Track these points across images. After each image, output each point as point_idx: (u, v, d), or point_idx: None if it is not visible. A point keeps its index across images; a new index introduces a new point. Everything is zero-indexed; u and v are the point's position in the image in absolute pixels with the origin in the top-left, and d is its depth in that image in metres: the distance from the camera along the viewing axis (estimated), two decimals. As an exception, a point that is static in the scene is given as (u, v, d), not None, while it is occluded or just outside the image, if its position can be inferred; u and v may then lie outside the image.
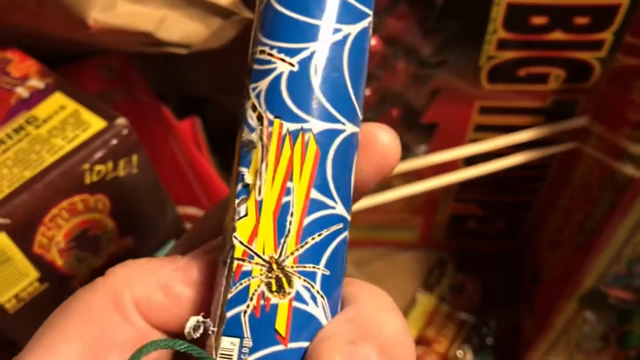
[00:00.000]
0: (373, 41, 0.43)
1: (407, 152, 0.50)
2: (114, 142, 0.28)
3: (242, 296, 0.16)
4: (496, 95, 0.45)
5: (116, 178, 0.29)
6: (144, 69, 0.47)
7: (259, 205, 0.16)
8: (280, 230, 0.16)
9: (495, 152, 0.47)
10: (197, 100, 0.62)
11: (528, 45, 0.41)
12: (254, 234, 0.16)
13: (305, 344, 0.16)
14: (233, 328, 0.16)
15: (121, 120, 0.29)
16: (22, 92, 0.32)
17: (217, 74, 0.59)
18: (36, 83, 0.32)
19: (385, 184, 0.52)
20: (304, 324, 0.16)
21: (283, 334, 0.16)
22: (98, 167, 0.28)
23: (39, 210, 0.27)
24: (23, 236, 0.27)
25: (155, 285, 0.18)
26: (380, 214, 0.57)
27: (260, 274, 0.16)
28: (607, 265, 0.39)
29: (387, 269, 0.59)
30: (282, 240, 0.16)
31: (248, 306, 0.16)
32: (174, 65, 0.60)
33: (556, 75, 0.43)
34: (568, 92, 0.44)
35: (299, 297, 0.16)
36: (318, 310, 0.17)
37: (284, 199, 0.16)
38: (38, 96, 0.31)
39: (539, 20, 0.39)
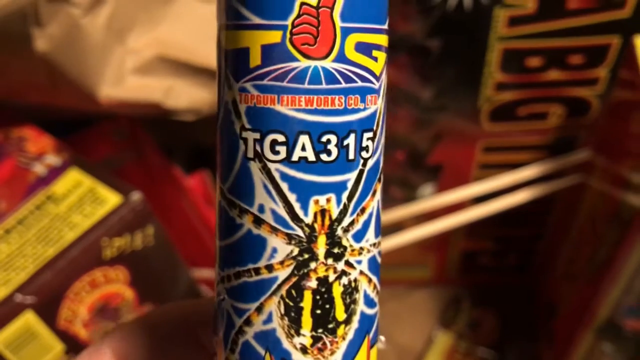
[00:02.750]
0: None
1: (414, 191, 0.51)
2: (130, 216, 0.29)
3: None
4: (498, 134, 0.46)
5: (134, 250, 0.30)
6: (151, 126, 0.48)
7: None
8: None
9: (502, 189, 0.48)
10: (205, 152, 0.63)
11: (525, 86, 0.42)
12: None
13: None
14: None
15: (136, 195, 0.30)
16: (39, 169, 0.33)
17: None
18: (52, 160, 0.33)
19: (397, 225, 0.53)
20: None
21: None
22: (116, 241, 0.29)
23: (63, 286, 0.28)
24: (48, 312, 0.28)
25: None
26: (393, 253, 0.58)
27: None
28: (620, 297, 0.40)
29: (403, 308, 0.59)
30: None
31: None
32: (181, 121, 0.61)
33: (555, 113, 0.44)
34: (568, 127, 0.45)
35: None
36: None
37: None
38: (55, 173, 0.33)
39: (534, 62, 0.41)
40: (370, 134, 0.14)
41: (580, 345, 0.44)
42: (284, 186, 0.13)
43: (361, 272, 0.14)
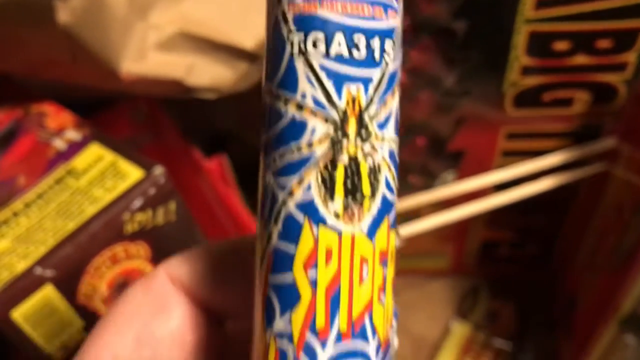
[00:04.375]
0: (396, 74, 0.44)
1: (434, 179, 0.50)
2: (153, 191, 0.29)
3: None
4: (522, 120, 0.45)
5: (156, 225, 0.29)
6: (170, 109, 0.48)
7: None
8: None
9: (524, 176, 0.47)
10: (223, 138, 0.63)
11: (551, 70, 0.41)
12: None
13: None
14: None
15: (158, 169, 0.29)
16: (59, 144, 0.33)
17: (242, 112, 0.60)
18: (73, 135, 0.33)
19: (415, 213, 0.52)
20: None
21: None
22: (138, 216, 0.29)
23: (83, 261, 0.28)
24: (68, 287, 0.28)
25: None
26: (410, 242, 0.57)
27: None
28: (645, 288, 0.39)
29: (420, 298, 0.59)
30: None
31: None
32: (200, 104, 0.61)
33: (581, 99, 0.43)
34: (594, 114, 0.44)
35: None
36: None
37: None
38: (75, 148, 0.32)
39: (561, 45, 0.40)
40: (390, 42, 0.17)
41: (601, 338, 0.44)
42: (322, 75, 0.16)
43: (383, 158, 0.17)
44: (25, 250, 0.28)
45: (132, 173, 0.29)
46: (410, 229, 0.49)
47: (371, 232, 0.16)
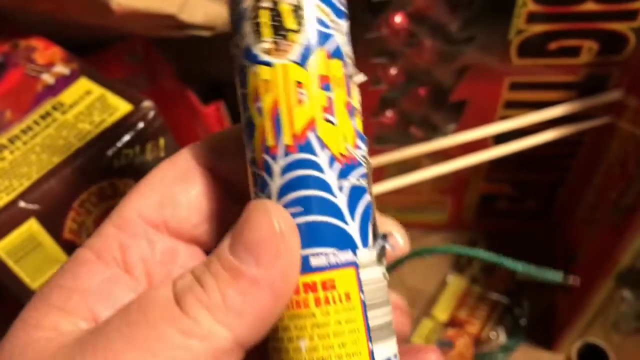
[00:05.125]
0: (399, 18, 0.42)
1: (435, 131, 0.49)
2: (141, 125, 0.28)
3: None
4: (526, 70, 0.44)
5: (144, 162, 0.29)
6: (167, 56, 0.47)
7: None
8: None
9: (526, 129, 0.46)
10: (220, 85, 0.62)
11: (559, 17, 0.40)
12: None
13: None
14: None
15: (147, 103, 0.28)
16: (47, 78, 0.32)
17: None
18: (61, 69, 0.32)
19: (414, 164, 0.51)
20: None
21: None
22: (126, 151, 0.28)
23: (69, 196, 0.27)
24: (53, 222, 0.27)
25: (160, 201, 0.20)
26: (409, 195, 0.56)
27: None
28: (645, 242, 0.38)
29: (417, 251, 0.58)
30: None
31: None
32: (196, 52, 0.60)
33: (588, 48, 0.42)
34: (601, 65, 0.43)
35: None
36: None
37: None
38: (63, 82, 0.31)
39: (570, -9, 0.38)
40: None
41: (598, 292, 0.43)
42: None
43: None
44: (9, 185, 0.27)
45: (121, 107, 0.29)
46: (410, 179, 0.48)
47: (303, 61, 0.18)
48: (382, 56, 0.44)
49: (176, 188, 0.20)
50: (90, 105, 0.29)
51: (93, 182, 0.28)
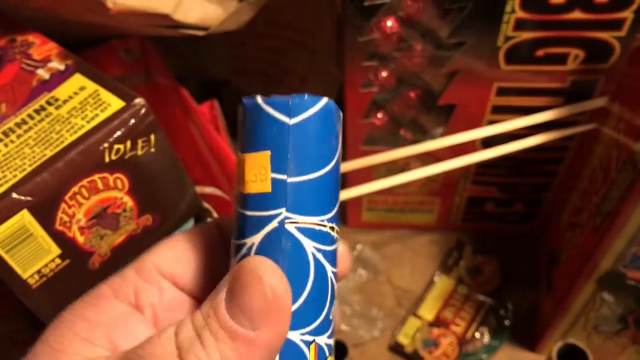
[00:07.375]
0: (390, 23, 0.43)
1: (424, 134, 0.50)
2: (133, 121, 0.29)
3: None
4: (514, 76, 0.44)
5: (135, 157, 0.29)
6: (162, 54, 0.48)
7: None
8: None
9: (513, 133, 0.47)
10: (215, 84, 0.63)
11: (547, 25, 0.41)
12: None
13: None
14: None
15: (139, 100, 0.29)
16: (43, 73, 0.32)
17: (233, 58, 0.60)
18: (57, 65, 0.33)
19: (403, 165, 0.52)
20: None
21: None
22: (117, 146, 0.29)
23: (60, 188, 0.28)
24: (45, 213, 0.28)
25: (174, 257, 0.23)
26: (398, 196, 0.57)
27: None
28: (625, 246, 0.39)
29: (405, 251, 0.59)
30: None
31: None
32: (192, 50, 0.60)
33: (575, 56, 0.42)
34: (587, 72, 0.43)
35: None
36: None
37: None
38: (58, 78, 0.32)
39: (557, -1, 0.39)
40: None
41: (580, 294, 0.44)
42: None
43: None
44: (2, 176, 0.28)
45: (113, 103, 0.29)
46: (399, 180, 0.49)
47: None
48: (374, 59, 0.45)
49: (190, 252, 0.23)
50: (84, 100, 0.30)
51: (85, 176, 0.29)
